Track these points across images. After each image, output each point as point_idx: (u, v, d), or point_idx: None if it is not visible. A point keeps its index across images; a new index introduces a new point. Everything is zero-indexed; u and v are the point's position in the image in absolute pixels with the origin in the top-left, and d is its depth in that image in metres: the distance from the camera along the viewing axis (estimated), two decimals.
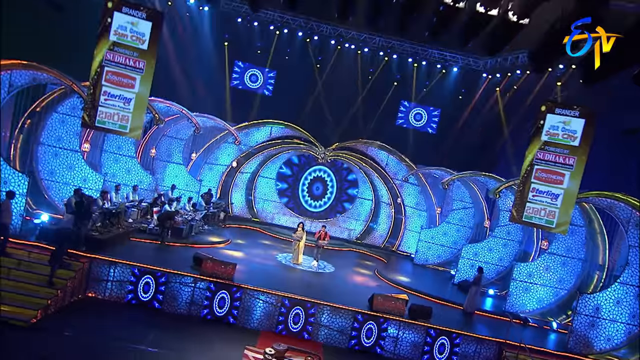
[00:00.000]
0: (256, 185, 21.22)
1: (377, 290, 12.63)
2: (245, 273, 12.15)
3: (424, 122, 23.09)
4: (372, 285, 14.28)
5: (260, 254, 15.49)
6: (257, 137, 20.25)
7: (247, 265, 13.24)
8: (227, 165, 20.11)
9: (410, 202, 20.47)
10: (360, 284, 14.52)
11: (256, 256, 15.10)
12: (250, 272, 12.57)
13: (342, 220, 21.40)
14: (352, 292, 13.18)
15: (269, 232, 19.50)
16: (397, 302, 11.55)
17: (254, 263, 14.04)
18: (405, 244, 20.55)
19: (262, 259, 14.92)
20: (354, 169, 21.35)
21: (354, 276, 15.38)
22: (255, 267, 13.45)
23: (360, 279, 15.13)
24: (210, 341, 10.13)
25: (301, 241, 15.00)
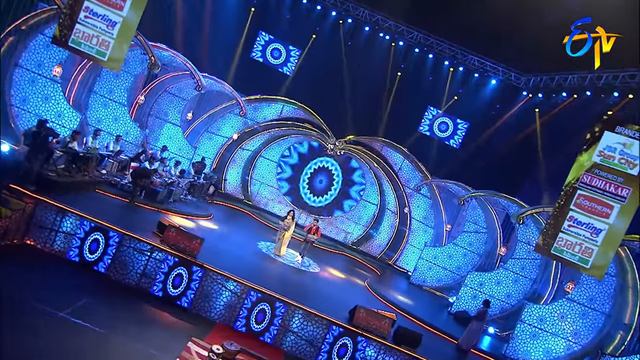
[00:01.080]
0: (256, 165, 19.59)
1: (362, 302, 10.88)
2: (214, 254, 10.49)
3: (449, 133, 21.20)
4: (358, 296, 12.51)
5: (240, 238, 13.83)
6: (266, 113, 18.64)
7: (219, 246, 11.58)
8: (229, 138, 18.52)
9: (418, 214, 18.65)
10: (345, 292, 12.76)
11: (235, 239, 13.44)
12: (221, 254, 10.91)
13: (340, 221, 19.65)
14: (334, 299, 11.43)
15: (259, 217, 17.85)
16: (382, 320, 9.77)
17: (230, 245, 12.37)
18: (404, 259, 18.72)
19: (240, 243, 13.25)
20: (363, 169, 19.60)
21: (340, 282, 13.62)
22: (229, 250, 11.79)
23: (346, 287, 13.37)
24: (152, 323, 8.48)
25: (288, 231, 13.31)
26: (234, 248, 12.30)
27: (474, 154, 20.50)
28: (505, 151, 19.37)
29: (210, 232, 12.76)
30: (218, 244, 11.78)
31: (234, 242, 13.03)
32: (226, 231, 13.87)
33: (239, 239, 13.59)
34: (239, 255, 11.72)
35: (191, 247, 9.56)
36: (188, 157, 17.11)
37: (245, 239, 13.97)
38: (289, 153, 19.87)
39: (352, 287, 13.67)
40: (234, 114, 18.40)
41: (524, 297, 14.08)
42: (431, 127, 21.29)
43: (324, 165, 19.79)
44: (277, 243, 13.41)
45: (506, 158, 19.25)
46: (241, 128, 18.55)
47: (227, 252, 11.48)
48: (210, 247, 10.88)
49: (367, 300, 12.40)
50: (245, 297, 9.33)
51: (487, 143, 20.19)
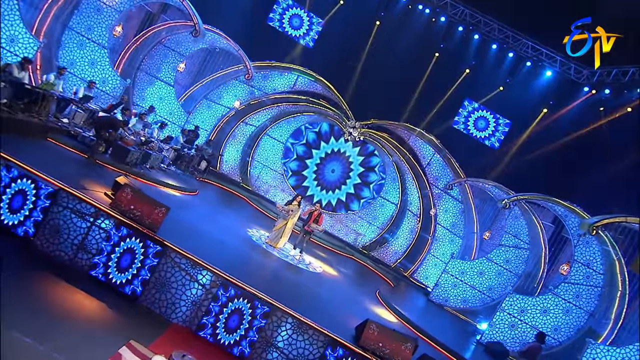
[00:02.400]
0: (259, 144, 17.34)
1: (371, 317, 8.50)
2: (186, 234, 8.24)
3: (488, 132, 18.69)
4: (367, 308, 10.12)
5: (227, 222, 11.55)
6: (276, 84, 16.41)
7: (197, 227, 9.33)
8: (230, 109, 16.32)
9: (445, 220, 16.18)
10: (351, 302, 10.37)
11: (220, 221, 11.18)
12: (195, 236, 8.64)
13: (351, 219, 17.26)
14: (336, 309, 9.06)
15: (256, 204, 15.58)
16: (400, 343, 7.38)
17: (211, 227, 10.10)
18: (423, 272, 16.25)
19: (226, 227, 10.98)
20: (384, 160, 17.22)
21: (345, 289, 11.24)
22: (208, 233, 9.51)
23: (352, 296, 10.98)
24: (80, 315, 6.21)
25: (291, 220, 11.02)
26: (216, 231, 10.01)
27: (516, 156, 18.01)
28: (555, 154, 16.87)
29: (189, 209, 10.52)
30: (196, 224, 9.51)
31: (218, 224, 10.76)
32: (211, 212, 11.62)
33: (226, 223, 11.32)
34: (220, 240, 9.42)
35: (152, 217, 7.28)
36: (180, 124, 14.96)
37: (233, 223, 11.69)
38: (299, 135, 17.59)
39: (360, 296, 11.28)
40: (240, 81, 16.23)
41: (577, 332, 11.51)
42: (467, 122, 18.81)
43: (338, 150, 17.46)
44: (274, 233, 11.11)
45: (555, 162, 16.74)
46: (246, 98, 16.35)
47: (206, 235, 9.20)
48: (184, 225, 8.63)
49: (378, 315, 10.00)
50: (217, 293, 7.01)
51: (532, 144, 17.68)
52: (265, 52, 16.70)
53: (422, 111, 18.41)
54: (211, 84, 16.35)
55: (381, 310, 10.72)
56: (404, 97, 18.18)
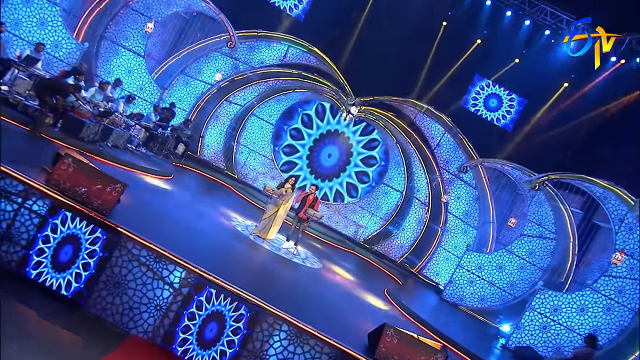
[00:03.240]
0: (245, 126, 15.81)
1: (386, 318, 7.08)
2: (151, 222, 6.73)
3: (501, 113, 17.33)
4: (378, 309, 8.69)
5: (207, 211, 10.04)
6: (264, 55, 14.86)
7: (169, 214, 7.82)
8: (212, 85, 14.74)
9: (457, 208, 14.80)
10: (358, 302, 8.91)
11: (199, 211, 9.66)
12: (165, 224, 7.14)
13: (350, 209, 15.82)
14: (342, 312, 7.60)
15: (243, 194, 14.09)
16: (428, 353, 5.95)
17: (187, 215, 8.59)
18: (433, 267, 14.87)
19: (205, 216, 9.47)
20: (387, 142, 15.79)
21: (348, 287, 9.78)
22: (183, 221, 8.00)
23: (358, 295, 9.52)
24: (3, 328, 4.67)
25: (283, 205, 9.54)
26: (192, 219, 8.49)
27: (533, 137, 16.66)
28: (578, 133, 15.53)
29: (160, 194, 8.98)
30: (167, 211, 8.00)
31: (196, 212, 9.23)
32: (188, 199, 10.09)
33: (205, 211, 9.79)
34: (196, 230, 7.91)
35: (102, 197, 5.75)
36: (152, 101, 13.37)
37: (214, 212, 10.17)
38: (292, 116, 16.08)
39: (367, 296, 9.84)
40: (222, 54, 14.66)
41: (620, 334, 10.18)
42: (476, 101, 17.43)
43: (335, 131, 15.99)
44: (263, 222, 9.62)
45: (578, 141, 15.41)
46: (230, 74, 14.78)
47: (178, 223, 7.68)
48: (150, 211, 7.15)
49: (391, 317, 8.58)
50: (189, 294, 5.51)
51: (552, 122, 16.33)
52: (251, 21, 15.13)
53: (428, 88, 16.98)
54: (189, 57, 14.76)
55: (393, 310, 9.30)
56: (408, 71, 16.72)
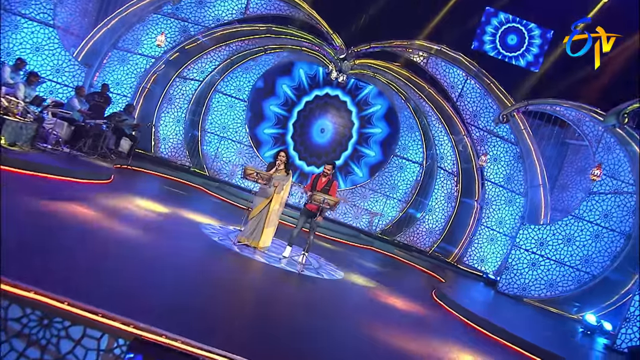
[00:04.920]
0: (209, 107, 13.01)
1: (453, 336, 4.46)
2: (51, 261, 3.96)
3: (522, 49, 14.80)
4: (443, 328, 6.07)
5: (167, 223, 7.27)
6: (219, 10, 12.06)
7: (90, 241, 5.04)
8: (157, 59, 11.90)
9: (495, 173, 12.27)
10: (415, 321, 6.22)
11: (153, 225, 6.89)
12: (75, 246, 4.37)
13: (359, 195, 13.17)
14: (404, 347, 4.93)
15: (219, 194, 11.38)
16: None
17: (130, 236, 5.81)
18: (476, 253, 12.33)
19: (162, 232, 6.71)
20: (395, 102, 13.17)
21: (388, 298, 7.11)
22: (113, 240, 5.22)
23: (405, 306, 6.86)
24: None
25: (277, 195, 6.88)
26: (140, 238, 5.72)
27: (569, 74, 14.18)
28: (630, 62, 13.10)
29: (87, 207, 6.16)
30: (93, 233, 5.21)
31: (146, 226, 6.43)
32: (135, 210, 7.27)
33: (162, 224, 7.00)
34: (143, 255, 5.14)
35: None
36: (75, 84, 10.47)
37: (177, 222, 7.39)
38: (265, 85, 13.35)
39: (414, 305, 7.20)
40: (163, 15, 11.83)
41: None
42: (493, 41, 14.84)
43: (326, 95, 13.31)
44: (251, 223, 6.92)
45: None
46: (178, 40, 11.96)
47: (111, 250, 4.91)
48: (57, 237, 4.33)
49: (459, 333, 5.96)
50: None
51: (591, 54, 13.86)
52: None
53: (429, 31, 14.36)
54: (120, 25, 11.82)
55: (450, 319, 6.69)
56: (405, 13, 14.05)
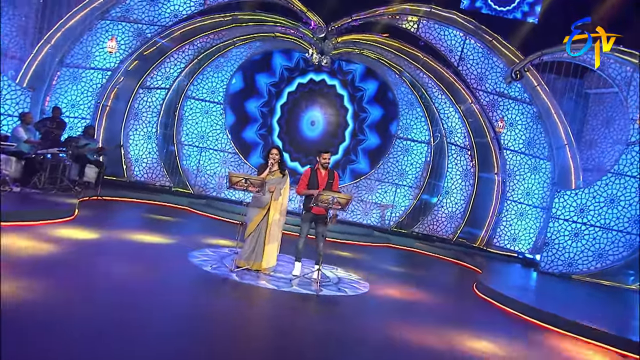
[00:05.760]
0: (182, 116, 11.87)
1: None
2: None
3: (516, 0, 13.77)
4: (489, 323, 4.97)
5: (147, 257, 6.13)
6: (175, 4, 10.91)
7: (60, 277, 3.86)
8: (114, 72, 10.74)
9: (513, 140, 11.23)
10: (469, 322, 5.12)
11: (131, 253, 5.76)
12: None
13: (365, 188, 12.09)
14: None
15: (207, 212, 10.28)
16: None
17: (101, 266, 4.66)
18: (505, 232, 11.29)
19: (140, 272, 5.56)
20: (388, 78, 12.09)
21: (427, 304, 6.00)
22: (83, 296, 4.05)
23: (450, 311, 5.75)
24: None
25: (275, 203, 5.87)
26: (111, 279, 4.57)
27: None
28: None
29: (41, 252, 5.01)
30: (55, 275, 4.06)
31: (121, 262, 5.28)
32: (106, 242, 6.12)
33: (145, 256, 5.84)
34: (114, 304, 3.98)
35: None
36: (17, 110, 9.27)
37: (158, 254, 6.23)
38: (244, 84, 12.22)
39: (455, 308, 6.12)
40: (112, 21, 10.66)
41: None
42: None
43: (311, 80, 12.21)
44: (249, 241, 5.86)
45: None
46: (133, 46, 10.79)
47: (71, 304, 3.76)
48: None
49: (518, 331, 4.89)
50: None
51: None
52: None
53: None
54: (65, 39, 10.59)
55: (503, 317, 5.60)
56: None
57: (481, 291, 7.21)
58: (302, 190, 6.01)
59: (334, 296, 5.48)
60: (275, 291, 5.25)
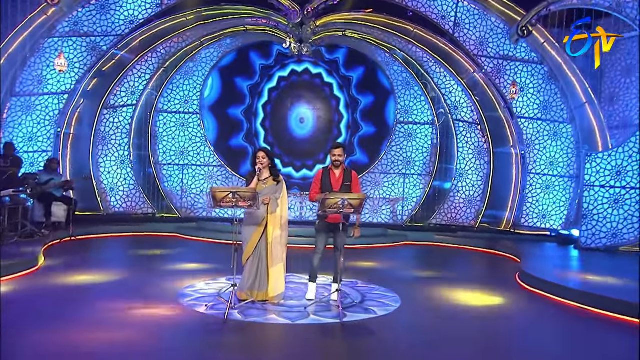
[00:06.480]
0: (155, 134, 10.93)
1: None
2: None
3: None
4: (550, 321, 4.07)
5: (131, 296, 5.17)
6: (129, 9, 10.00)
7: None
8: (73, 95, 9.80)
9: (527, 106, 10.38)
10: None
11: (104, 318, 4.79)
12: None
13: (371, 183, 11.19)
14: None
15: (198, 236, 9.38)
16: None
17: (69, 325, 3.70)
18: (533, 210, 10.45)
19: (122, 314, 4.59)
20: (377, 57, 11.20)
21: (474, 305, 5.08)
22: None
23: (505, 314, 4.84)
24: None
25: (272, 217, 4.97)
26: (83, 342, 3.62)
27: None
28: None
29: None
30: None
31: (95, 317, 4.34)
32: (76, 293, 5.19)
33: (126, 306, 4.90)
34: None
35: None
36: None
37: (145, 295, 5.29)
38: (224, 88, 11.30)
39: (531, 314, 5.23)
40: (61, 37, 9.74)
41: None
42: None
43: (293, 72, 11.30)
44: (248, 268, 4.99)
45: None
46: (90, 63, 9.86)
47: None
48: None
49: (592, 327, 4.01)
50: None
51: None
52: None
53: None
54: (10, 66, 9.52)
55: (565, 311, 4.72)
56: None
57: (526, 282, 6.35)
58: (314, 196, 5.13)
59: (362, 321, 4.57)
60: (290, 326, 4.34)
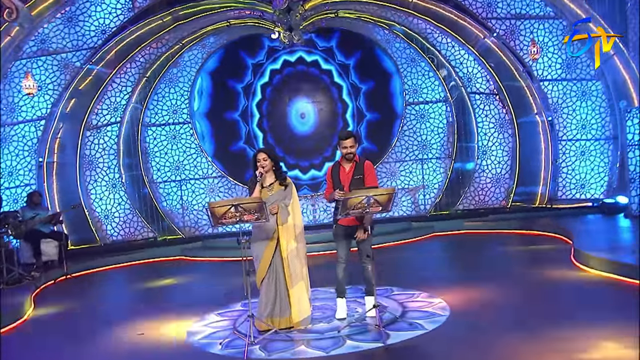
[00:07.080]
0: (146, 150, 10.27)
1: None
2: None
3: None
4: None
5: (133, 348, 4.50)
6: (98, 17, 9.35)
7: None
8: (50, 120, 9.17)
9: (547, 68, 9.63)
10: None
11: None
12: None
13: (385, 174, 10.47)
14: None
15: (205, 256, 8.78)
16: None
17: None
18: (569, 181, 9.69)
19: None
20: (377, 36, 10.48)
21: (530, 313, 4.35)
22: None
23: None
24: None
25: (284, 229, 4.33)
26: None
27: None
28: None
29: None
30: None
31: None
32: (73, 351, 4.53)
33: (126, 354, 4.23)
34: None
35: None
36: None
37: (149, 344, 4.62)
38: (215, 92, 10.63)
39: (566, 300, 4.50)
40: (29, 58, 9.11)
41: None
42: None
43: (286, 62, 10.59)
44: (264, 290, 4.35)
45: None
46: (64, 82, 9.22)
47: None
48: None
49: None
50: None
51: None
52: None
53: None
54: None
55: None
56: None
57: (584, 262, 5.64)
58: (328, 195, 4.44)
59: (410, 340, 3.87)
60: (324, 359, 3.65)
